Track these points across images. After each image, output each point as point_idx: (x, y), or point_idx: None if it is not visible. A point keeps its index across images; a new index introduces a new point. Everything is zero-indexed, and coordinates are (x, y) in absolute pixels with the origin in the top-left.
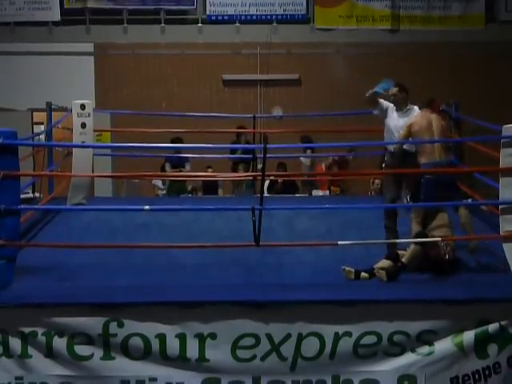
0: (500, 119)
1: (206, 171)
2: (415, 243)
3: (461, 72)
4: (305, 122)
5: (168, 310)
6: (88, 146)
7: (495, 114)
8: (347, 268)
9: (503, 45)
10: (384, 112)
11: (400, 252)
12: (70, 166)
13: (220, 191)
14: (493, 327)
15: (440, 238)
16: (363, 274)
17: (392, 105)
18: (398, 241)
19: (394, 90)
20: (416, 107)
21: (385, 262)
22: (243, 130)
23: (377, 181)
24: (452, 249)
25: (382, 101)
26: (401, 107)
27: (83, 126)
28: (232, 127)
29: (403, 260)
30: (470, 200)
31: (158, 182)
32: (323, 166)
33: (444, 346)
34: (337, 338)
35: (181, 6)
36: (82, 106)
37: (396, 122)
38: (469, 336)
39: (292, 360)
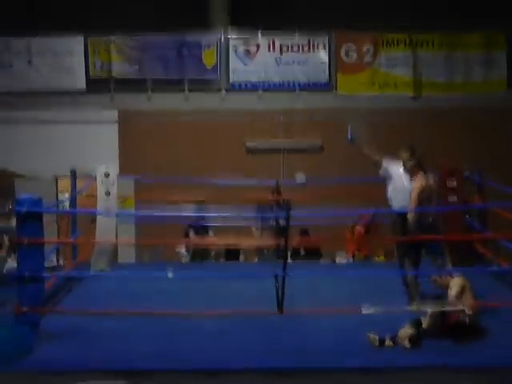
0: None
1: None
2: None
3: (483, 137)
4: (328, 187)
5: (190, 378)
6: (112, 215)
7: None
8: (372, 335)
9: None
10: (387, 171)
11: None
12: (93, 233)
13: (242, 257)
14: None
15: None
16: (388, 342)
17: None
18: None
19: (405, 155)
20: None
21: (407, 329)
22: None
23: None
24: (473, 314)
25: (385, 161)
26: (408, 171)
27: (107, 193)
28: (255, 193)
29: (423, 326)
30: (494, 266)
31: (182, 249)
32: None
33: None
34: None
35: (205, 75)
36: (106, 174)
37: (403, 179)
38: None
39: None
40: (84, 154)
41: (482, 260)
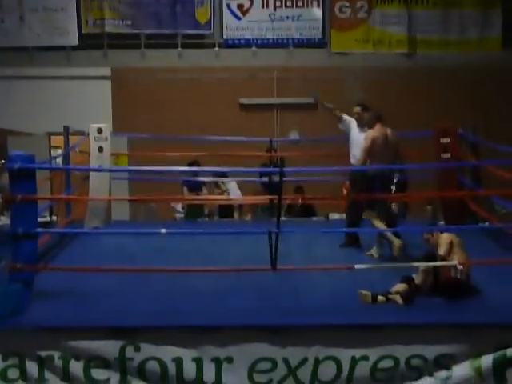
0: None
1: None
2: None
3: (477, 96)
4: (322, 145)
5: (185, 334)
6: (105, 170)
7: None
8: (364, 292)
9: None
10: (347, 126)
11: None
12: (87, 190)
13: (236, 214)
14: (511, 352)
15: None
16: (380, 298)
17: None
18: (412, 264)
19: (357, 108)
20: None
21: (400, 286)
22: (260, 153)
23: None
24: (466, 271)
25: (345, 116)
26: (360, 125)
27: (100, 149)
28: (249, 151)
29: (416, 282)
30: (486, 224)
31: (178, 206)
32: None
33: (462, 370)
34: (354, 362)
35: (198, 30)
36: (99, 130)
37: (358, 136)
38: (487, 360)
39: None
40: (77, 111)
41: (475, 217)
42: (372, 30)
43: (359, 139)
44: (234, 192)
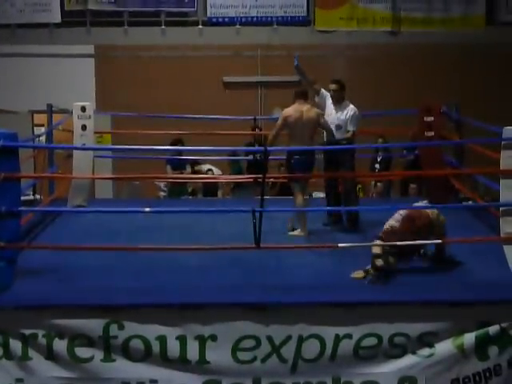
0: (501, 121)
1: (206, 173)
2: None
3: (461, 74)
4: None
5: (168, 312)
6: (88, 149)
7: (496, 115)
8: (355, 274)
9: (503, 46)
10: (324, 101)
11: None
12: (70, 168)
13: (219, 193)
14: (493, 329)
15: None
16: (369, 270)
17: (329, 96)
18: (380, 245)
19: (334, 86)
20: (351, 105)
21: (376, 248)
22: (245, 132)
23: (379, 184)
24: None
25: (323, 90)
26: (337, 102)
27: (84, 128)
28: (232, 129)
29: (378, 264)
30: (470, 202)
31: (161, 184)
32: None
33: (444, 347)
34: (337, 339)
35: (181, 8)
36: (83, 108)
37: (332, 112)
38: (469, 338)
39: (292, 362)
40: (60, 89)
41: (458, 196)
42: (356, 7)
43: (333, 115)
44: (216, 171)
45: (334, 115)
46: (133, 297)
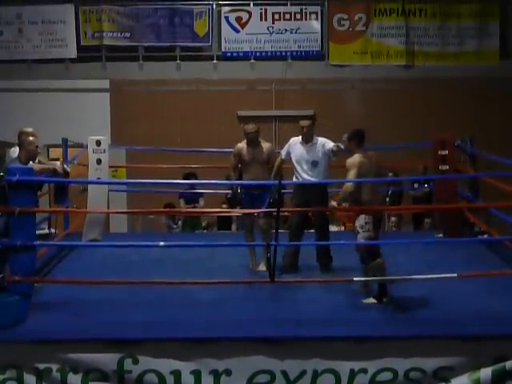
0: None
1: (220, 207)
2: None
3: (476, 107)
4: None
5: (183, 347)
6: (103, 183)
7: (510, 149)
8: (367, 301)
9: None
10: (287, 154)
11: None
12: (85, 202)
13: (233, 226)
14: (510, 364)
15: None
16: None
17: (291, 141)
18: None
19: (307, 122)
20: (320, 138)
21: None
22: None
23: (393, 218)
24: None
25: (281, 151)
26: (309, 139)
27: (99, 162)
28: None
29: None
30: (485, 235)
31: (169, 221)
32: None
33: (461, 382)
34: (352, 374)
35: (196, 43)
36: (98, 143)
37: (302, 152)
38: (486, 373)
39: None
40: (75, 124)
41: (473, 229)
42: (370, 41)
43: (305, 155)
44: None
45: (305, 155)
46: (147, 331)
